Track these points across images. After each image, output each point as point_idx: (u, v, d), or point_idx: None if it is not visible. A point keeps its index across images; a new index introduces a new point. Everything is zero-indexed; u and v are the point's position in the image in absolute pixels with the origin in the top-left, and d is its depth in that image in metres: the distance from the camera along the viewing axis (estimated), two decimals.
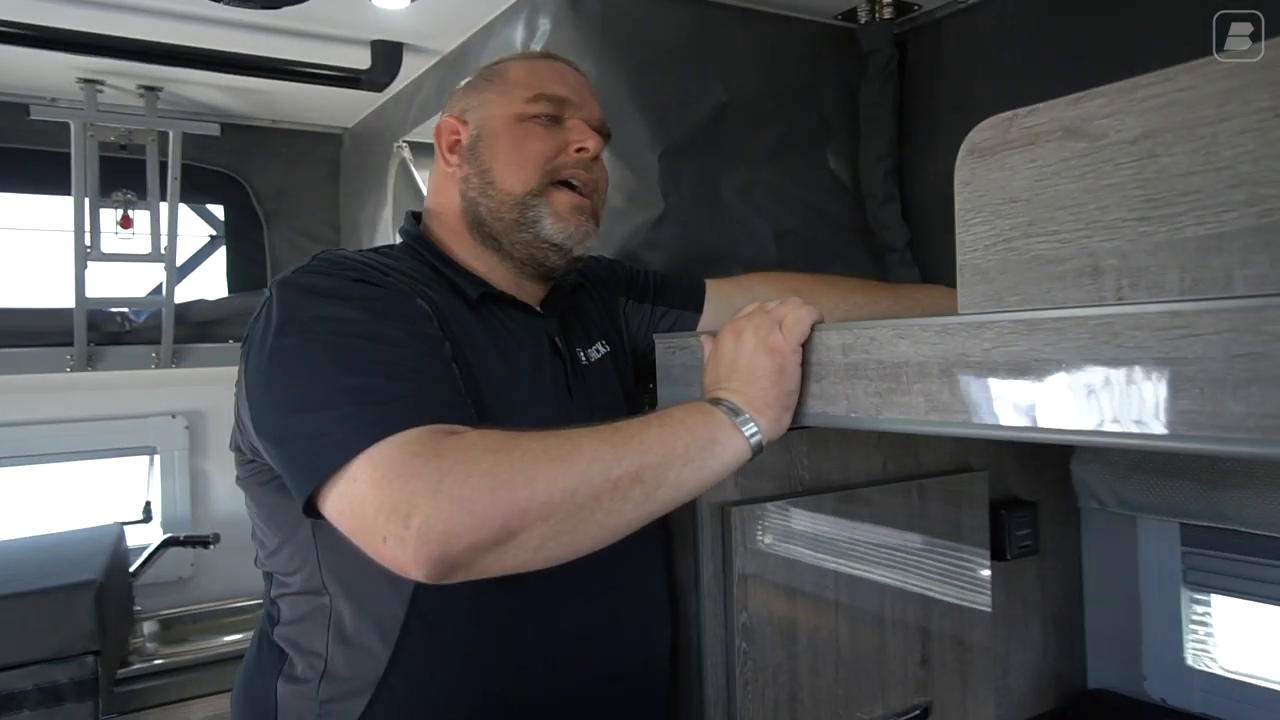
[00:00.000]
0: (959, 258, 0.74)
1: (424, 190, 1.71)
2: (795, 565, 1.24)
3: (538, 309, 1.14)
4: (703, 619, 1.19)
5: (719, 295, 1.36)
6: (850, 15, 1.72)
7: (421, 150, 2.11)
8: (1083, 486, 1.49)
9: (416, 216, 1.17)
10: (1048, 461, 1.57)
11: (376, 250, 1.08)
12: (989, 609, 1.43)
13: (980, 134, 0.72)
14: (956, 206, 0.74)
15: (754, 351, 0.86)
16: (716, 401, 0.86)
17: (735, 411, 0.85)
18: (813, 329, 0.87)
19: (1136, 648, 1.53)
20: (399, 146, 2.04)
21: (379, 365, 0.84)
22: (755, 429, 0.85)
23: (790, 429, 0.89)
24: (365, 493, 0.77)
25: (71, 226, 2.07)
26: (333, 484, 0.79)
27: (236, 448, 1.01)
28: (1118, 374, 0.61)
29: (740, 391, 0.86)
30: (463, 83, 1.18)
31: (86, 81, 2.02)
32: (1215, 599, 1.46)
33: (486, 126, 1.11)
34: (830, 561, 1.27)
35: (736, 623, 1.19)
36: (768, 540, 1.22)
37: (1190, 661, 1.47)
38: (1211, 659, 1.47)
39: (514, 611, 0.99)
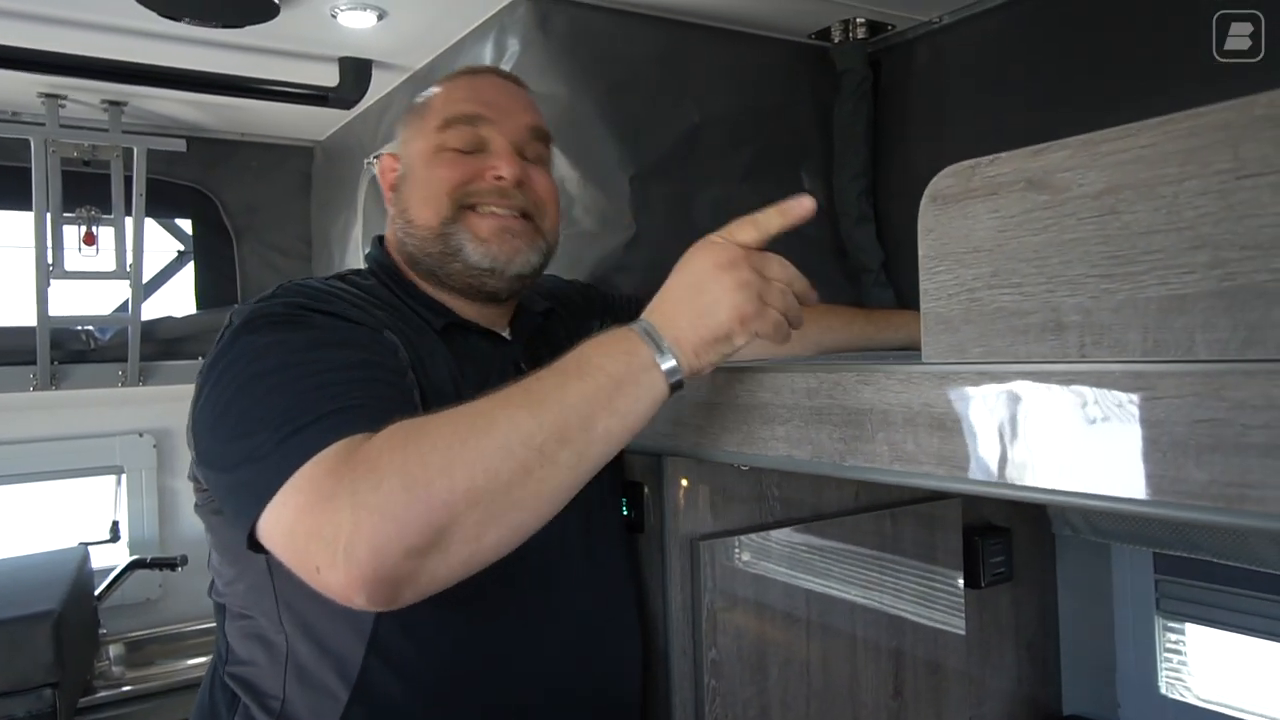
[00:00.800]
0: (923, 305, 0.72)
1: None
2: (766, 597, 1.22)
3: (505, 336, 1.12)
4: (671, 656, 1.17)
5: None
6: (824, 35, 1.71)
7: None
8: (1057, 513, 1.48)
9: (382, 240, 1.15)
10: None
11: (344, 278, 1.06)
12: (963, 632, 1.42)
13: (943, 180, 0.70)
14: (920, 253, 0.72)
15: (712, 295, 0.77)
16: (649, 334, 0.78)
17: (655, 342, 0.77)
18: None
19: (1111, 675, 1.52)
20: (369, 163, 2.01)
21: (313, 389, 0.79)
22: (673, 364, 0.77)
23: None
24: (293, 521, 0.72)
25: (33, 243, 2.02)
26: (267, 515, 0.75)
27: (193, 476, 0.99)
28: (1081, 432, 0.60)
29: (673, 322, 0.78)
30: (410, 105, 1.16)
31: (48, 96, 1.98)
32: (1190, 627, 1.45)
33: (408, 163, 1.09)
34: (801, 593, 1.25)
35: (705, 659, 1.17)
36: (737, 573, 1.20)
37: (1164, 690, 1.46)
38: (1186, 688, 1.46)
39: (479, 649, 0.96)
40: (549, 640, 1.02)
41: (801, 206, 0.85)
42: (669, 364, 0.77)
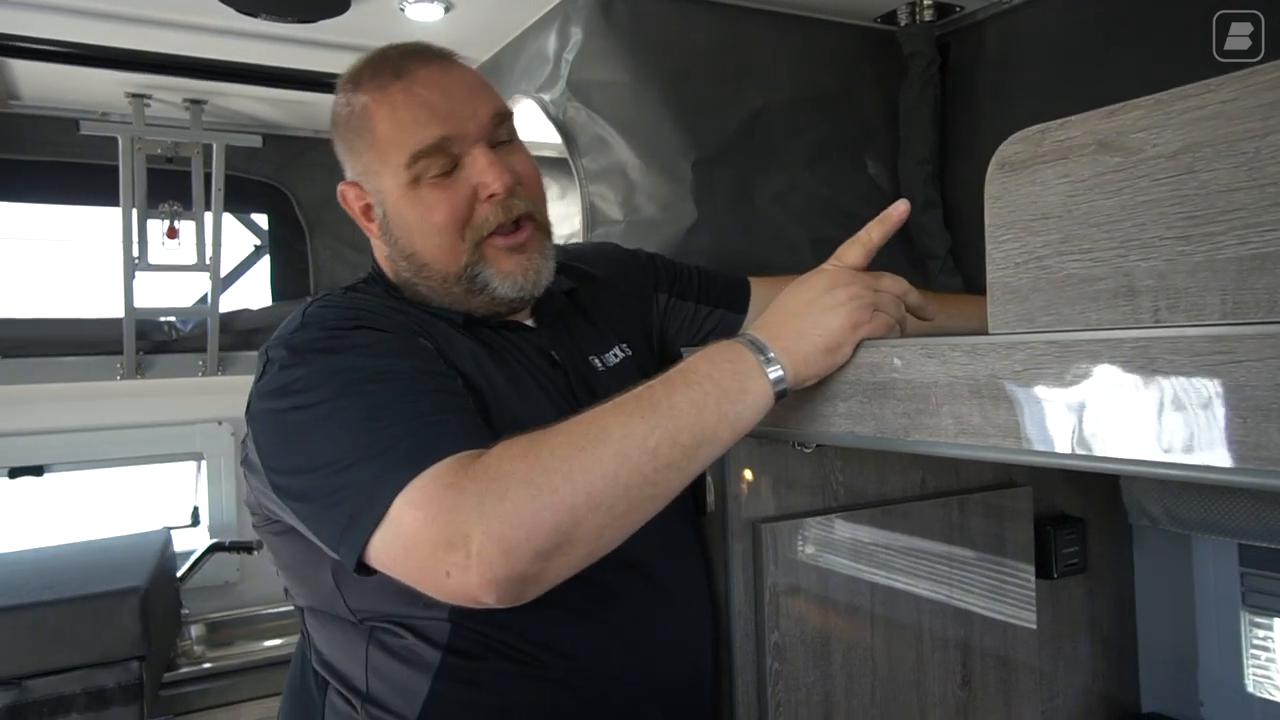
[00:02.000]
0: (989, 275, 0.71)
1: None
2: (829, 582, 1.21)
3: (529, 324, 1.10)
4: (734, 637, 1.17)
5: (764, 296, 1.30)
6: (890, 18, 1.68)
7: None
8: (1133, 503, 1.43)
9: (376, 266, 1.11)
10: (1096, 477, 1.51)
11: (355, 289, 1.06)
12: (1034, 626, 1.38)
13: (1011, 147, 0.69)
14: (986, 222, 0.71)
15: (822, 306, 0.82)
16: (756, 346, 0.82)
17: (760, 349, 0.81)
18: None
19: (1193, 672, 1.47)
20: None
21: (394, 407, 0.82)
22: (779, 373, 0.81)
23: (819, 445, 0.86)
24: (414, 535, 0.76)
25: (120, 238, 2.11)
26: (378, 537, 0.78)
27: (248, 504, 1.01)
28: (1155, 400, 0.58)
29: (780, 335, 0.82)
30: (334, 119, 1.06)
31: (134, 96, 2.07)
32: (1278, 623, 1.39)
33: (385, 202, 1.01)
34: (865, 578, 1.24)
35: (768, 641, 1.16)
36: (800, 557, 1.19)
37: (1251, 688, 1.40)
38: (1275, 685, 1.40)
39: (553, 627, 0.97)
40: (624, 619, 1.02)
41: (898, 212, 0.90)
42: (775, 373, 0.80)
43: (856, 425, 0.83)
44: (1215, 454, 0.55)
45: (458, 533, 0.73)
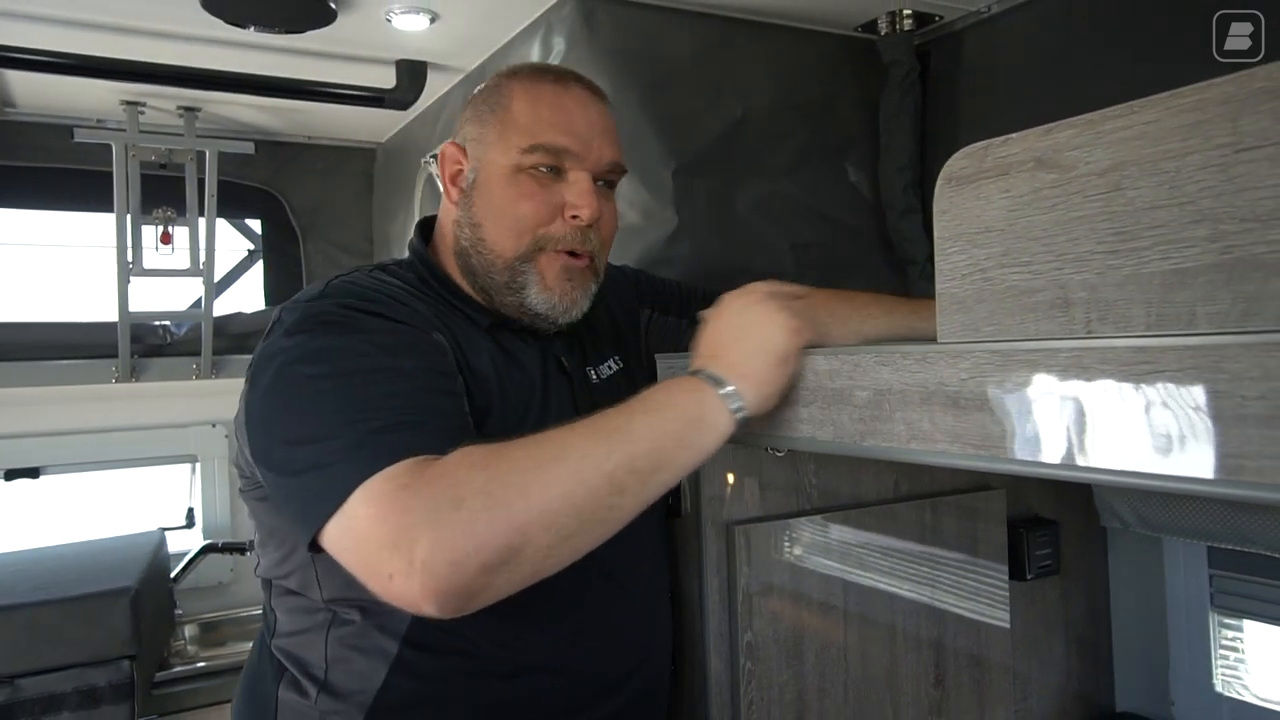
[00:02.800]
0: (938, 285, 0.74)
1: None
2: (802, 583, 1.23)
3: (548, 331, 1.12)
4: (708, 638, 1.19)
5: None
6: (870, 27, 1.71)
7: None
8: (1105, 506, 1.46)
9: (426, 229, 1.14)
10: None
11: (387, 269, 1.06)
12: (1007, 625, 1.41)
13: (957, 162, 0.71)
14: (935, 234, 0.73)
15: (760, 324, 0.85)
16: (699, 373, 0.84)
17: (718, 382, 0.82)
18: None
19: (1164, 672, 1.49)
20: (425, 162, 2.07)
21: (376, 399, 0.82)
22: (740, 403, 0.82)
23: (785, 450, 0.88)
24: (365, 530, 0.76)
25: (114, 243, 2.14)
26: (335, 522, 0.78)
27: (237, 463, 1.03)
28: (1088, 408, 0.60)
29: (731, 363, 0.84)
30: (475, 92, 1.12)
31: (129, 104, 2.10)
32: (1247, 624, 1.42)
33: (483, 172, 1.05)
34: (839, 579, 1.26)
35: (741, 641, 1.19)
36: (773, 558, 1.21)
37: (1220, 688, 1.43)
38: (1243, 685, 1.42)
39: (513, 618, 0.98)
40: (583, 612, 1.04)
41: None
42: (735, 403, 0.82)
43: (817, 430, 0.85)
44: (1140, 460, 0.57)
45: (404, 536, 0.72)
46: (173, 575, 2.21)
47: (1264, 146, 0.51)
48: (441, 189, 1.10)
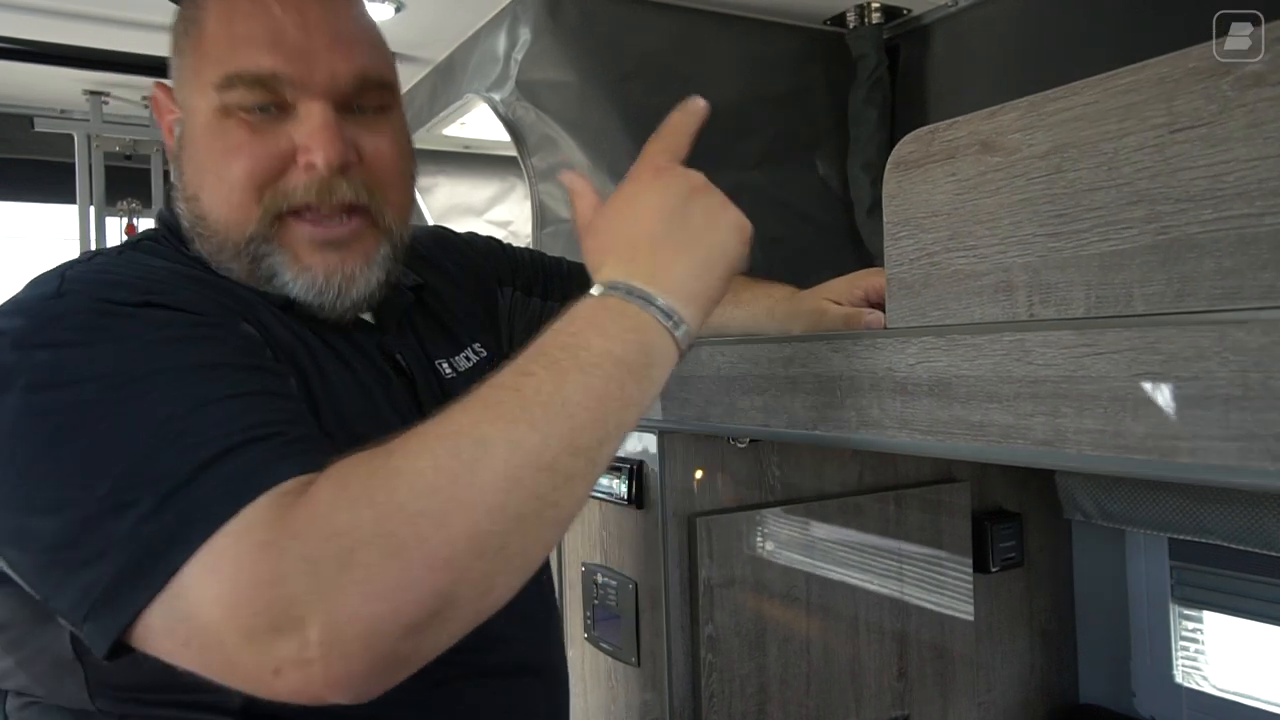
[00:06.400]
0: (888, 271, 0.73)
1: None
2: (765, 575, 1.23)
3: (369, 319, 0.87)
4: (669, 630, 1.18)
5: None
6: (839, 20, 1.71)
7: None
8: (1067, 498, 1.46)
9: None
10: (1033, 473, 1.54)
11: (138, 247, 0.80)
12: (971, 618, 1.41)
13: (905, 147, 0.71)
14: (885, 219, 0.73)
15: (708, 226, 0.67)
16: (647, 299, 0.62)
17: (650, 301, 0.62)
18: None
19: (1127, 664, 1.50)
20: None
21: (190, 421, 0.58)
22: (684, 328, 0.64)
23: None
24: (217, 618, 0.52)
25: (77, 235, 2.12)
26: (158, 611, 0.54)
27: None
28: (1031, 391, 0.60)
29: (669, 275, 0.64)
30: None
31: (92, 94, 2.07)
32: (1207, 615, 1.43)
33: (188, 122, 0.77)
34: (802, 571, 1.26)
35: (702, 634, 1.18)
36: (735, 550, 1.21)
37: (1180, 679, 1.43)
38: (1203, 676, 1.43)
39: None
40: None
41: (697, 104, 0.79)
42: (680, 330, 0.63)
43: (770, 419, 0.85)
44: (1080, 441, 0.57)
45: (286, 615, 0.50)
46: None
47: (1197, 127, 0.51)
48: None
